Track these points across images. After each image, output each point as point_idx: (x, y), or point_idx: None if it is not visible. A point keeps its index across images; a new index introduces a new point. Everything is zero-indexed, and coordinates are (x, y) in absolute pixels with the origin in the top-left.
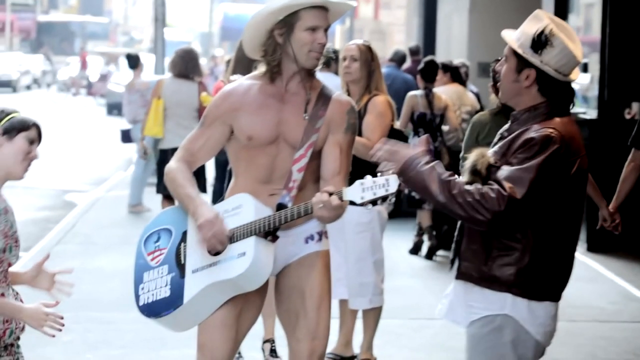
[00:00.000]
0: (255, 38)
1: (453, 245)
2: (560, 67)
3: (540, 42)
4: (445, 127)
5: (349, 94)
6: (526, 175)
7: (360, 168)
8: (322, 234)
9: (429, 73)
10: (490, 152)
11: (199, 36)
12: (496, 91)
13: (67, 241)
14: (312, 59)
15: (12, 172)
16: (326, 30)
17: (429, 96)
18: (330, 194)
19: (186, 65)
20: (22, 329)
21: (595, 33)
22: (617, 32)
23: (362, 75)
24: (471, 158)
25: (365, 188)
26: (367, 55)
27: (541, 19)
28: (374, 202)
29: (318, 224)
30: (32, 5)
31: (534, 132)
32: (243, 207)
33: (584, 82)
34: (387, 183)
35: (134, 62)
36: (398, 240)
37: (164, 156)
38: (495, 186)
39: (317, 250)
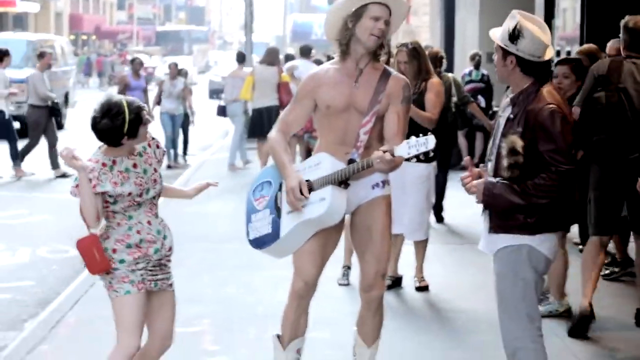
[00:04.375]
0: (334, 24)
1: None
2: (534, 51)
3: (514, 34)
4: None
5: None
6: (565, 148)
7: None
8: (385, 182)
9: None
10: (515, 136)
11: (275, 38)
12: None
13: None
14: (372, 40)
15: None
16: (386, 23)
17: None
18: (385, 152)
19: (271, 57)
20: (170, 250)
21: (574, 29)
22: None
23: (413, 69)
24: (507, 145)
25: (410, 146)
26: (414, 54)
27: (514, 17)
28: (417, 157)
29: (381, 174)
30: (152, 19)
31: (540, 112)
32: (322, 163)
33: None
34: (426, 142)
35: (241, 58)
36: None
37: (254, 112)
38: (553, 168)
39: (381, 194)
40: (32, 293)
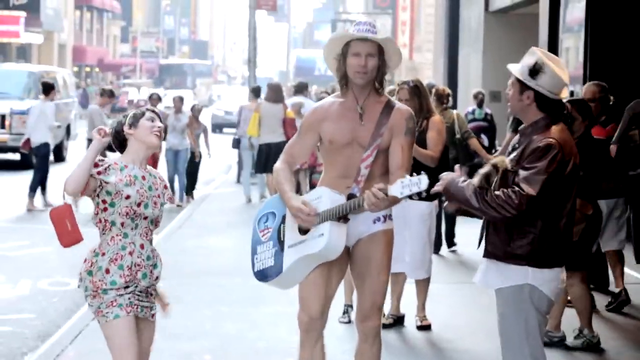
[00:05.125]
0: (331, 63)
1: (480, 231)
2: (552, 88)
3: (535, 70)
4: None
5: None
6: (538, 177)
7: (429, 173)
8: (387, 217)
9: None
10: (507, 159)
11: (278, 73)
12: None
13: (186, 226)
14: (357, 77)
15: (149, 142)
16: (371, 56)
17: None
18: (379, 189)
19: (276, 94)
20: (157, 279)
21: (577, 69)
22: (595, 67)
23: (414, 107)
24: (493, 160)
25: (404, 185)
26: (415, 92)
27: (535, 53)
28: (410, 197)
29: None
30: (155, 52)
31: (539, 142)
32: (322, 197)
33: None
34: (419, 182)
35: (257, 92)
36: None
37: (260, 147)
38: (516, 189)
39: (382, 229)
40: (32, 326)
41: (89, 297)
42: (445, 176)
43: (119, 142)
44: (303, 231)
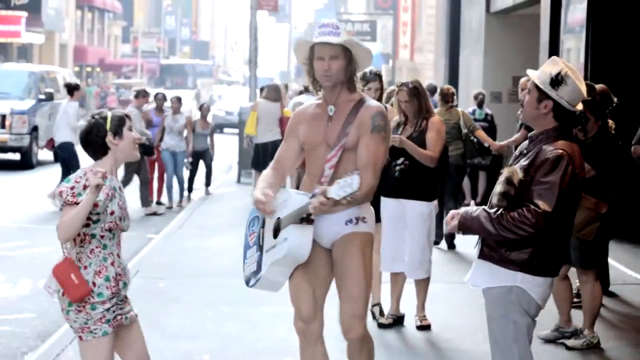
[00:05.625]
0: (304, 68)
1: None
2: (571, 100)
3: (557, 80)
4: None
5: (406, 119)
6: (552, 192)
7: (428, 173)
8: (359, 219)
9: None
10: (518, 168)
11: (279, 74)
12: None
13: (186, 226)
14: (323, 80)
15: (133, 157)
16: (333, 59)
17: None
18: (320, 194)
19: (274, 93)
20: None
21: (578, 70)
22: (596, 68)
23: (413, 108)
24: (505, 173)
25: (340, 187)
26: (414, 93)
27: (557, 63)
28: (345, 198)
29: (355, 210)
30: (156, 52)
31: (549, 153)
32: (288, 200)
33: None
34: (352, 182)
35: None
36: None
37: (257, 146)
38: (532, 207)
39: (354, 231)
40: (32, 325)
41: (72, 312)
42: (457, 212)
43: (96, 147)
44: (275, 235)
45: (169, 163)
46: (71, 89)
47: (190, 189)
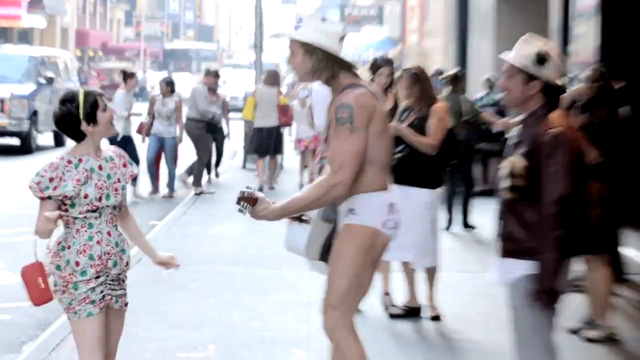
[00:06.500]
0: None
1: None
2: (557, 75)
3: (542, 59)
4: None
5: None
6: (560, 174)
7: (429, 162)
8: (350, 211)
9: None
10: (517, 157)
11: (284, 59)
12: None
13: (190, 212)
14: (296, 73)
15: (111, 134)
16: (293, 54)
17: None
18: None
19: (273, 78)
20: (127, 265)
21: (589, 54)
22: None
23: (415, 94)
24: (506, 167)
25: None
26: (414, 79)
27: (532, 42)
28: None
29: (350, 202)
30: (160, 37)
31: (544, 135)
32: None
33: None
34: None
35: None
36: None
37: (255, 131)
38: (547, 199)
39: (347, 222)
40: (31, 314)
41: (58, 293)
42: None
43: (71, 134)
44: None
45: (151, 149)
46: (125, 76)
47: (209, 170)
